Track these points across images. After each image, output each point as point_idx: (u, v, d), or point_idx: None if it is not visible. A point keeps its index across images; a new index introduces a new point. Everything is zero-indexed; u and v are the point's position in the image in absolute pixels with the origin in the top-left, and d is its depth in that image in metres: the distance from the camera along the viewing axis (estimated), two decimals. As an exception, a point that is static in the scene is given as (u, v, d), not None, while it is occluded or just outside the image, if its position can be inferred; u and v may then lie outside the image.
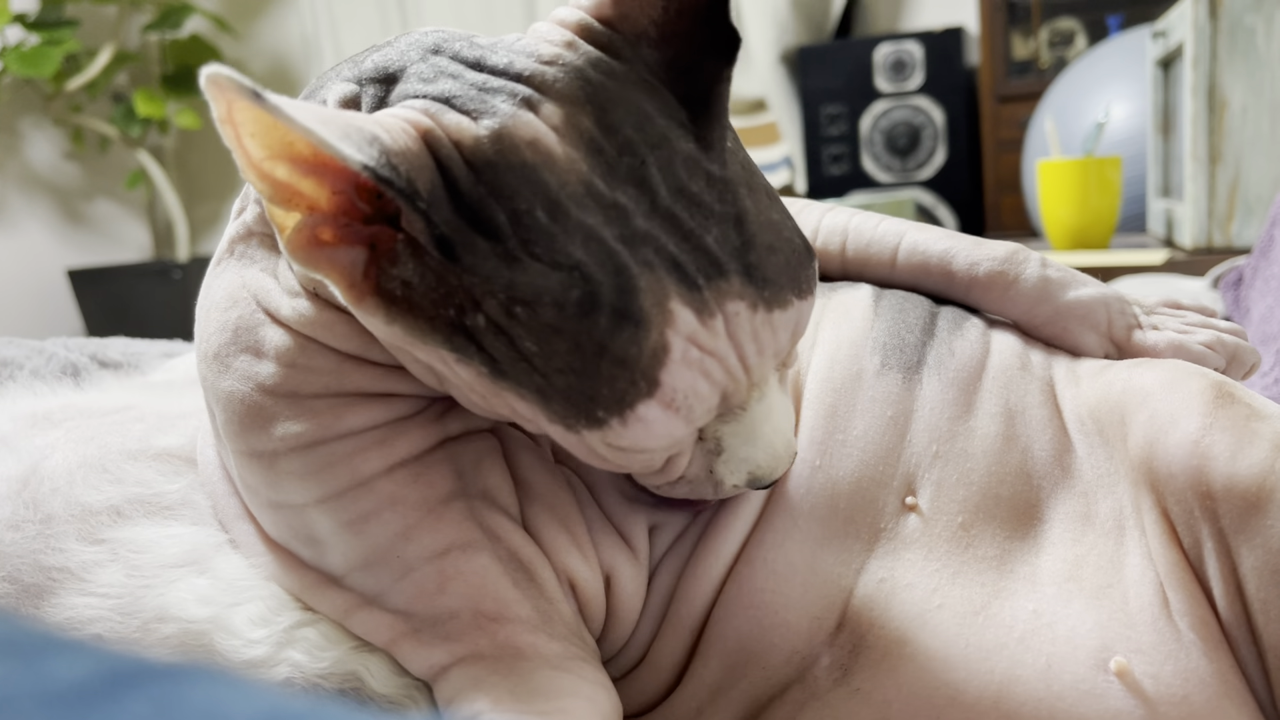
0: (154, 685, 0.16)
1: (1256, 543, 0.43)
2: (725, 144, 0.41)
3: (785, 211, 0.43)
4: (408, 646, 0.45)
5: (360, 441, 0.45)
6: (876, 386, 0.50)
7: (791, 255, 0.41)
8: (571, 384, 0.38)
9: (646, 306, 0.37)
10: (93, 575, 0.46)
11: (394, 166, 0.36)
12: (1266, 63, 1.45)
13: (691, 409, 0.39)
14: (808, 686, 0.46)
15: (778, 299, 0.40)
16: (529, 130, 0.38)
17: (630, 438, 0.39)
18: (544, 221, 0.37)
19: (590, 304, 0.37)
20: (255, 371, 0.45)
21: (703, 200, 0.39)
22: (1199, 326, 0.57)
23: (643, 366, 0.38)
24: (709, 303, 0.39)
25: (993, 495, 0.48)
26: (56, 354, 0.80)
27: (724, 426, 0.42)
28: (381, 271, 0.38)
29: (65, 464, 0.50)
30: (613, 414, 0.38)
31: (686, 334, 0.38)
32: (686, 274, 0.38)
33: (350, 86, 0.42)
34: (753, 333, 0.40)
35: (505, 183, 0.37)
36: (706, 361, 0.39)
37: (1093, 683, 0.43)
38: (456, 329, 0.38)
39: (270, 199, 0.37)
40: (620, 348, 0.37)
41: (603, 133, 0.39)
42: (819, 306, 0.55)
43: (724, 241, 0.39)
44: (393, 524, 0.45)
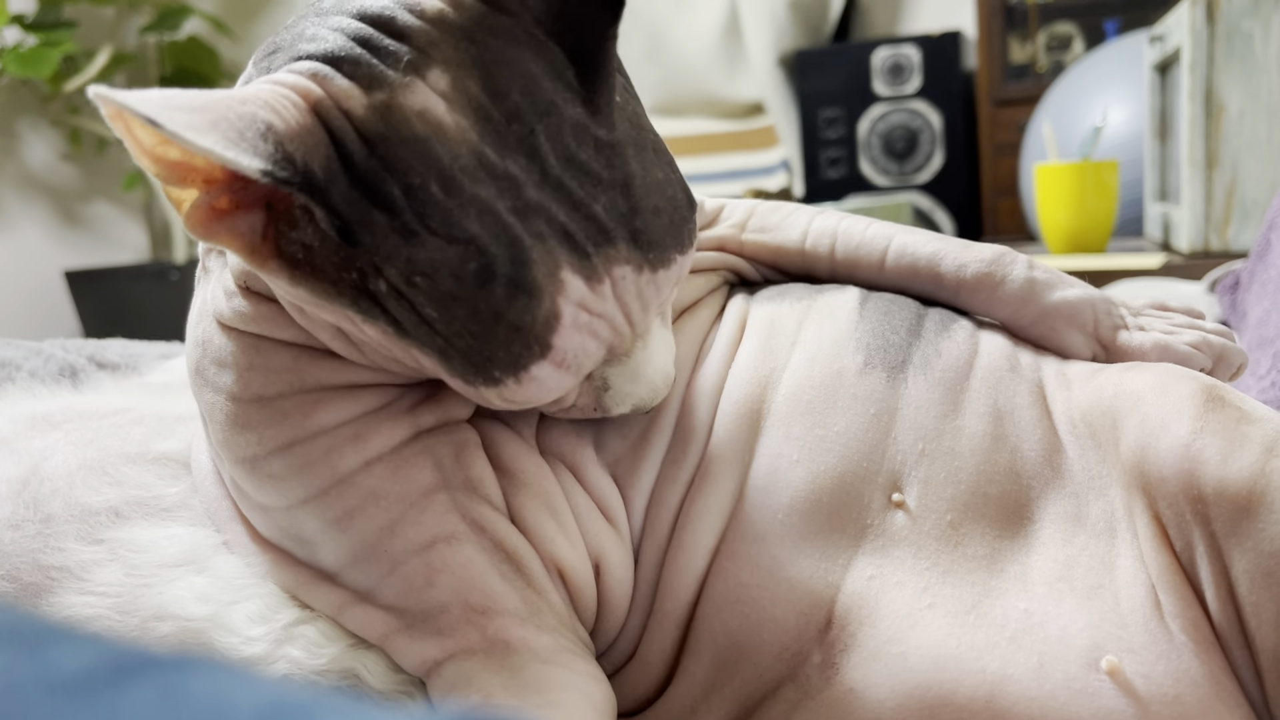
0: (158, 674, 0.17)
1: (1248, 546, 0.43)
2: (612, 104, 0.42)
3: (670, 165, 0.45)
4: (400, 642, 0.46)
5: (334, 439, 0.46)
6: (859, 384, 0.50)
7: (674, 214, 0.43)
8: (470, 346, 0.40)
9: (539, 277, 0.40)
10: (91, 574, 0.46)
11: (289, 157, 0.37)
12: (1263, 67, 1.46)
13: (580, 364, 0.42)
14: (800, 685, 0.46)
15: (662, 259, 0.43)
16: (418, 100, 0.39)
17: (524, 394, 0.42)
18: (438, 196, 0.38)
19: (486, 276, 0.39)
20: (223, 381, 0.47)
21: (591, 168, 0.41)
22: (1185, 328, 0.57)
23: (536, 332, 0.40)
24: (598, 269, 0.41)
25: (981, 494, 0.48)
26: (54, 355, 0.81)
27: (610, 369, 0.45)
28: (281, 235, 0.39)
29: (65, 466, 0.50)
30: (508, 374, 0.41)
31: (576, 300, 0.41)
32: (576, 243, 0.40)
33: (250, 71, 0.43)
34: (638, 292, 0.43)
35: (398, 156, 0.38)
36: (595, 323, 0.42)
37: (1084, 682, 0.43)
38: (360, 292, 0.40)
39: (166, 180, 0.38)
40: (515, 316, 0.40)
41: (491, 99, 0.39)
42: (803, 308, 0.55)
43: (611, 209, 0.41)
44: (376, 519, 0.46)
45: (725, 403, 0.51)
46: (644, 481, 0.50)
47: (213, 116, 0.36)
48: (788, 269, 0.60)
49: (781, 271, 0.60)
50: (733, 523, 0.49)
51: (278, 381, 0.46)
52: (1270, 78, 1.46)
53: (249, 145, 0.36)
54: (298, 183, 0.37)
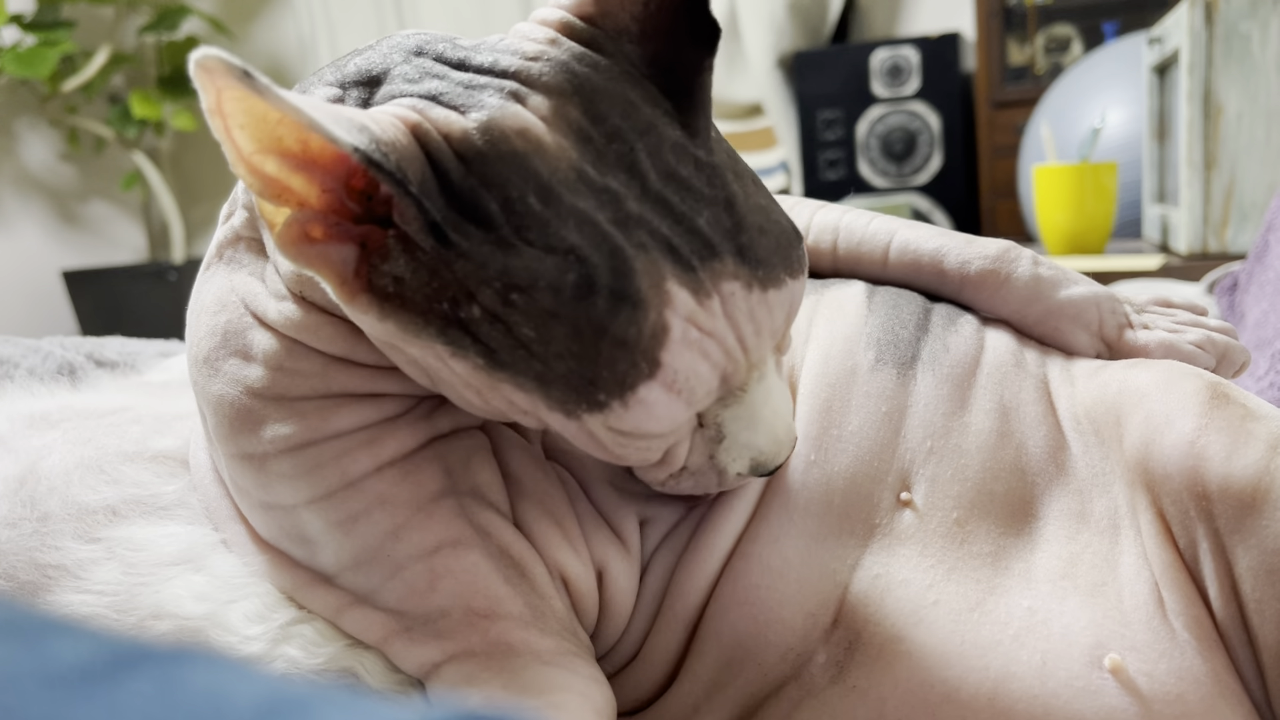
0: (156, 667, 0.16)
1: (1252, 543, 0.43)
2: (710, 132, 0.42)
3: (770, 196, 0.43)
4: (399, 644, 0.45)
5: (348, 442, 0.46)
6: (871, 382, 0.50)
7: (781, 236, 0.42)
8: (571, 368, 0.38)
9: (644, 287, 0.38)
10: (89, 573, 0.46)
11: (384, 154, 0.36)
12: (1262, 69, 1.46)
13: (692, 390, 0.40)
14: (803, 684, 0.46)
15: (771, 278, 0.41)
16: (517, 120, 0.38)
17: (632, 420, 0.39)
18: (536, 207, 0.37)
19: (587, 287, 0.37)
20: (244, 375, 0.46)
21: (692, 184, 0.40)
22: (1189, 325, 0.57)
23: (643, 347, 0.38)
24: (704, 283, 0.39)
25: (987, 491, 0.48)
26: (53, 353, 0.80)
27: (724, 411, 0.42)
28: (373, 269, 0.38)
29: (63, 464, 0.50)
30: (614, 397, 0.38)
31: (685, 314, 0.38)
32: (680, 255, 0.39)
33: (334, 90, 0.42)
34: (749, 312, 0.40)
35: (496, 172, 0.37)
36: (705, 342, 0.39)
37: (1087, 680, 0.43)
38: (451, 322, 0.38)
39: (260, 194, 0.37)
40: (620, 329, 0.37)
41: (590, 121, 0.39)
42: (812, 303, 0.55)
43: (715, 224, 0.40)
44: (382, 523, 0.45)
45: None
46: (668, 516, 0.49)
47: (313, 101, 0.35)
48: None
49: None
50: (750, 526, 0.49)
51: (303, 385, 0.45)
52: (1268, 79, 1.46)
53: (344, 128, 0.35)
54: (391, 171, 0.36)
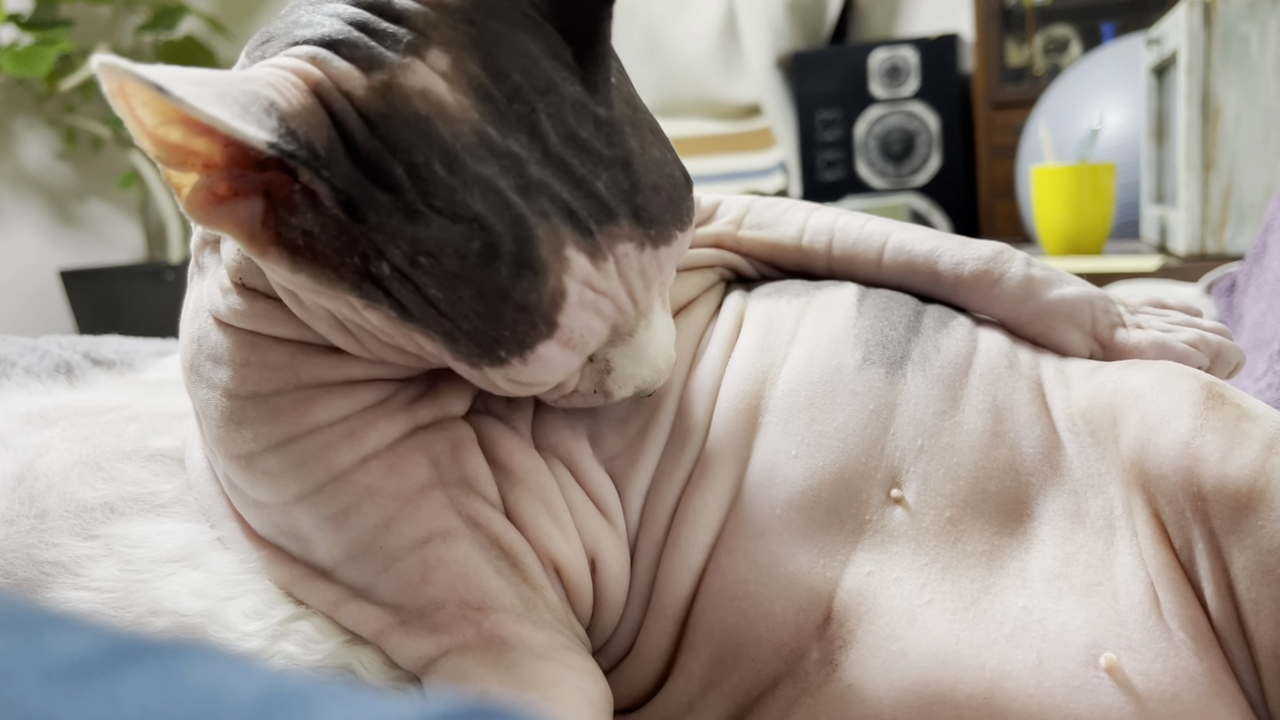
0: (155, 661, 0.16)
1: (1248, 543, 0.43)
2: (609, 83, 0.42)
3: (666, 144, 0.45)
4: (395, 638, 0.45)
5: (329, 435, 0.46)
6: (857, 380, 0.50)
7: (673, 191, 0.43)
8: (476, 327, 0.40)
9: (544, 255, 0.39)
10: (86, 569, 0.46)
11: (293, 133, 0.36)
12: (1260, 70, 1.46)
13: (586, 343, 0.42)
14: (798, 682, 0.46)
15: (663, 236, 0.43)
16: (419, 79, 0.38)
17: (530, 374, 0.42)
18: (442, 174, 0.38)
19: (491, 254, 0.39)
20: (219, 377, 0.47)
21: (591, 145, 0.41)
22: (1183, 325, 0.57)
23: (542, 311, 0.40)
24: (601, 246, 0.41)
25: (980, 490, 0.48)
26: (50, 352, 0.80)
27: (613, 350, 0.45)
28: (281, 221, 0.39)
29: (60, 462, 0.50)
30: (514, 354, 0.41)
31: (581, 278, 0.40)
32: (579, 220, 0.40)
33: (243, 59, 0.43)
34: (640, 270, 0.42)
35: (400, 136, 0.38)
36: (599, 301, 0.42)
37: (1083, 679, 0.43)
38: (363, 276, 0.39)
39: (166, 163, 0.37)
40: (521, 295, 0.39)
41: (491, 78, 0.39)
42: (801, 305, 0.55)
43: (613, 186, 0.41)
44: (372, 516, 0.46)
45: (723, 399, 0.51)
46: (641, 478, 0.50)
47: (218, 90, 0.35)
48: (784, 266, 0.60)
49: (778, 268, 0.60)
50: (731, 519, 0.49)
51: (273, 378, 0.46)
52: (1267, 81, 1.46)
53: (254, 118, 0.35)
54: (303, 157, 0.36)
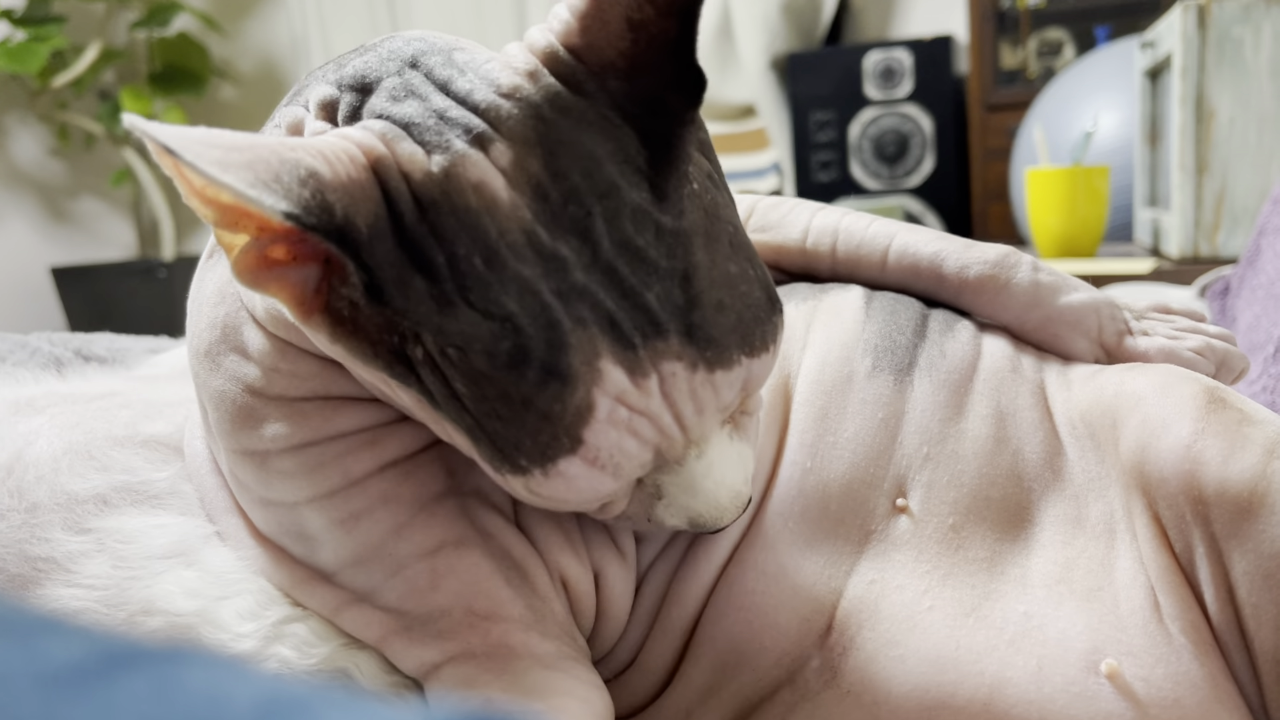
0: (152, 667, 0.16)
1: (1248, 547, 0.43)
2: (684, 191, 0.40)
3: (750, 260, 0.42)
4: (399, 644, 0.45)
5: (351, 443, 0.46)
6: (868, 388, 0.50)
7: (745, 311, 0.40)
8: (498, 430, 0.38)
9: (575, 364, 0.37)
10: (79, 566, 0.46)
11: (328, 207, 0.35)
12: (1254, 74, 1.46)
13: (619, 466, 0.39)
14: (798, 688, 0.46)
15: (721, 359, 0.39)
16: (476, 172, 0.37)
17: (551, 489, 0.39)
18: (480, 269, 0.37)
19: (520, 357, 0.37)
20: (244, 373, 0.46)
21: (648, 255, 0.38)
22: (1189, 332, 0.57)
23: (566, 423, 0.38)
24: (643, 362, 0.38)
25: (983, 497, 0.48)
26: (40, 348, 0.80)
27: (664, 476, 0.42)
28: (332, 290, 0.38)
29: (50, 450, 0.49)
30: (535, 465, 0.39)
31: (614, 394, 0.38)
32: (622, 332, 0.38)
33: (331, 90, 0.42)
34: (690, 392, 0.39)
35: (447, 225, 0.37)
36: (636, 421, 0.39)
37: (1084, 685, 0.43)
38: (397, 357, 0.38)
39: (217, 224, 0.36)
40: (545, 403, 0.37)
41: (550, 178, 0.38)
42: (809, 308, 0.54)
43: (665, 299, 0.38)
44: (385, 522, 0.45)
45: None
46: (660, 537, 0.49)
47: (249, 156, 0.34)
48: (789, 268, 0.60)
49: (782, 270, 0.60)
50: (746, 533, 0.48)
51: (302, 386, 0.45)
52: (1261, 84, 1.46)
53: (281, 187, 0.34)
54: (324, 229, 0.35)
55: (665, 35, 0.38)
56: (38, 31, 2.73)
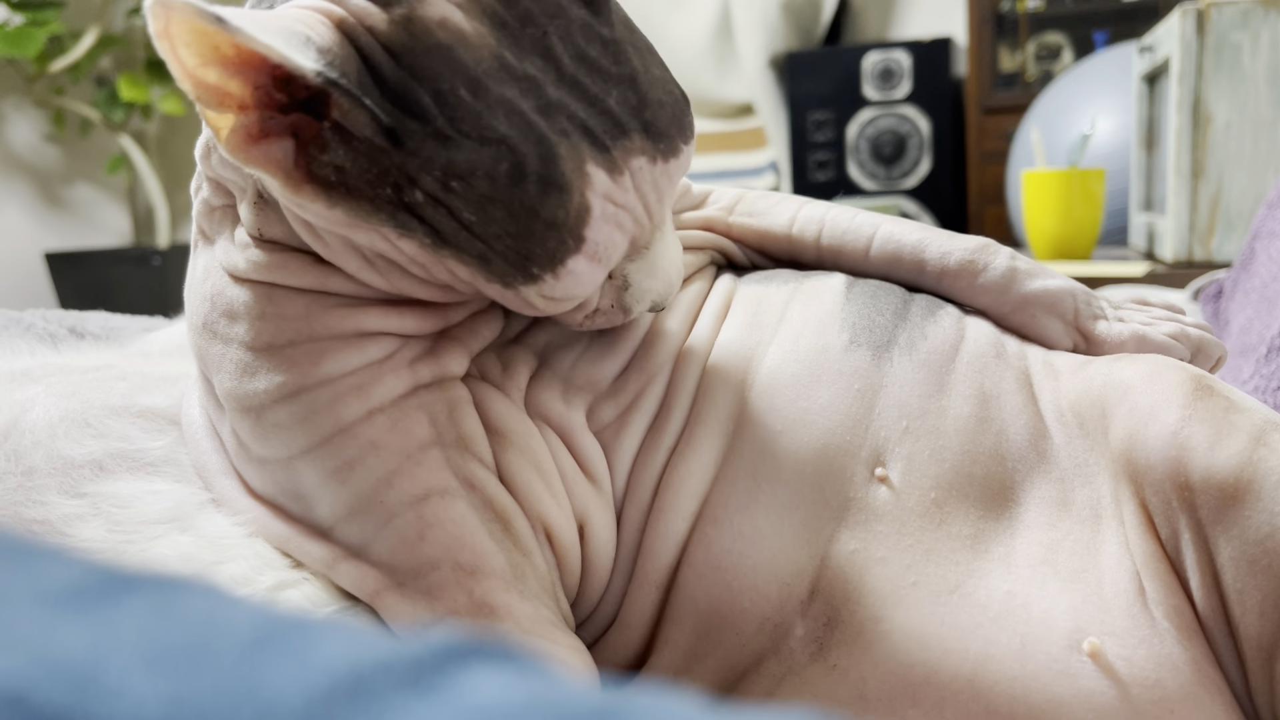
0: (151, 590, 0.16)
1: (1234, 534, 0.43)
2: (610, 5, 0.44)
3: (662, 63, 0.46)
4: (391, 599, 0.46)
5: (338, 388, 0.47)
6: (843, 361, 0.51)
7: (675, 106, 0.45)
8: (509, 247, 0.42)
9: (568, 172, 0.41)
10: (74, 529, 0.46)
11: (331, 64, 0.38)
12: (1251, 79, 1.47)
13: (610, 256, 0.44)
14: (783, 659, 0.46)
15: (670, 149, 0.45)
16: (436, 10, 0.40)
17: (562, 289, 0.43)
18: (467, 99, 0.40)
19: (519, 174, 0.40)
20: (234, 331, 0.48)
21: (600, 64, 0.43)
22: (1164, 320, 0.57)
23: (570, 226, 0.42)
24: (617, 161, 0.43)
25: (966, 474, 0.48)
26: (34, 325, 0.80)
27: (630, 265, 0.47)
28: (311, 159, 0.41)
29: (46, 417, 0.50)
30: (546, 270, 0.42)
31: (603, 193, 0.42)
32: (596, 137, 0.42)
33: None
34: (654, 182, 0.44)
35: (425, 65, 0.40)
36: (620, 214, 0.43)
37: (1066, 663, 0.43)
38: (397, 206, 0.41)
39: (205, 103, 0.39)
40: (549, 212, 0.41)
41: (503, 4, 0.41)
42: (789, 290, 0.55)
43: (623, 102, 0.43)
44: (375, 469, 0.46)
45: (711, 373, 0.51)
46: (628, 445, 0.50)
47: (262, 25, 0.37)
48: (774, 254, 0.60)
49: (768, 256, 0.61)
50: (715, 490, 0.49)
51: (288, 329, 0.47)
52: (1258, 89, 1.46)
53: (299, 50, 0.37)
54: (345, 85, 0.38)
55: None
56: (35, 16, 2.72)
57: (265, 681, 0.15)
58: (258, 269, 0.47)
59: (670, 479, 0.49)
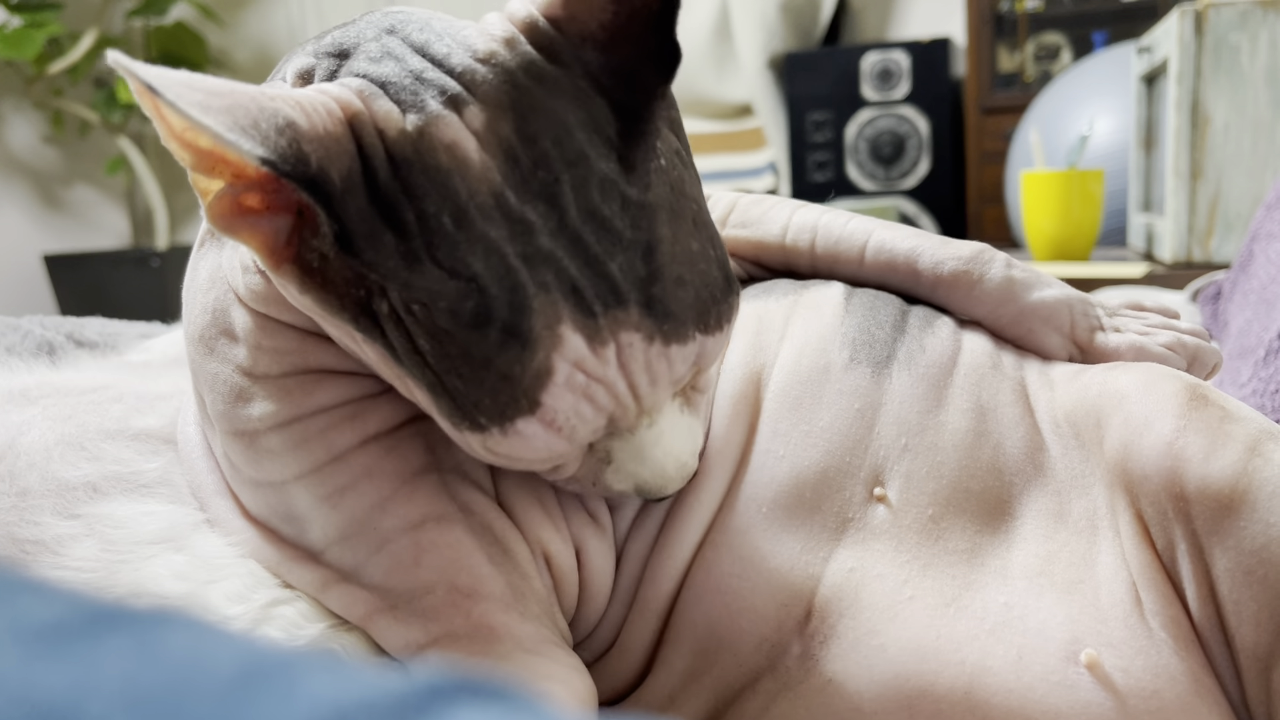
0: (135, 627, 0.16)
1: (1229, 544, 0.43)
2: (651, 165, 0.40)
3: (711, 240, 0.42)
4: (384, 622, 0.45)
5: (333, 417, 0.46)
6: (844, 379, 0.51)
7: (703, 289, 0.41)
8: (459, 387, 0.39)
9: (536, 327, 0.38)
10: (67, 549, 0.46)
11: (303, 157, 0.36)
12: (1250, 80, 1.46)
13: (574, 429, 0.40)
14: (779, 677, 0.46)
15: (677, 333, 0.40)
16: (449, 133, 0.38)
17: (508, 447, 0.40)
18: (449, 228, 0.38)
19: (482, 317, 0.38)
20: (233, 354, 0.47)
21: (613, 225, 0.39)
22: (1160, 328, 0.57)
23: (525, 386, 0.39)
24: (602, 330, 0.39)
25: (963, 489, 0.48)
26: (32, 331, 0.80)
27: (614, 442, 0.43)
28: (303, 241, 0.39)
29: (42, 440, 0.50)
30: (494, 424, 0.39)
31: (573, 359, 0.39)
32: (584, 299, 0.39)
33: (309, 60, 0.42)
34: (646, 364, 0.40)
35: (418, 183, 0.38)
36: (592, 387, 0.40)
37: (1063, 674, 0.43)
38: (362, 310, 0.39)
39: (194, 168, 0.37)
40: (505, 364, 0.38)
41: (521, 142, 0.38)
42: (789, 303, 0.55)
43: (628, 270, 0.39)
44: (369, 495, 0.46)
45: (719, 399, 0.51)
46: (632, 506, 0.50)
47: (229, 102, 0.35)
48: (769, 264, 0.60)
49: (763, 266, 0.60)
50: (719, 516, 0.49)
51: (282, 362, 0.46)
52: (1257, 90, 1.46)
53: (259, 134, 0.35)
54: (298, 178, 0.36)
55: (648, 8, 0.39)
56: (34, 18, 2.72)
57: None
58: (255, 298, 0.46)
59: (678, 510, 0.49)
